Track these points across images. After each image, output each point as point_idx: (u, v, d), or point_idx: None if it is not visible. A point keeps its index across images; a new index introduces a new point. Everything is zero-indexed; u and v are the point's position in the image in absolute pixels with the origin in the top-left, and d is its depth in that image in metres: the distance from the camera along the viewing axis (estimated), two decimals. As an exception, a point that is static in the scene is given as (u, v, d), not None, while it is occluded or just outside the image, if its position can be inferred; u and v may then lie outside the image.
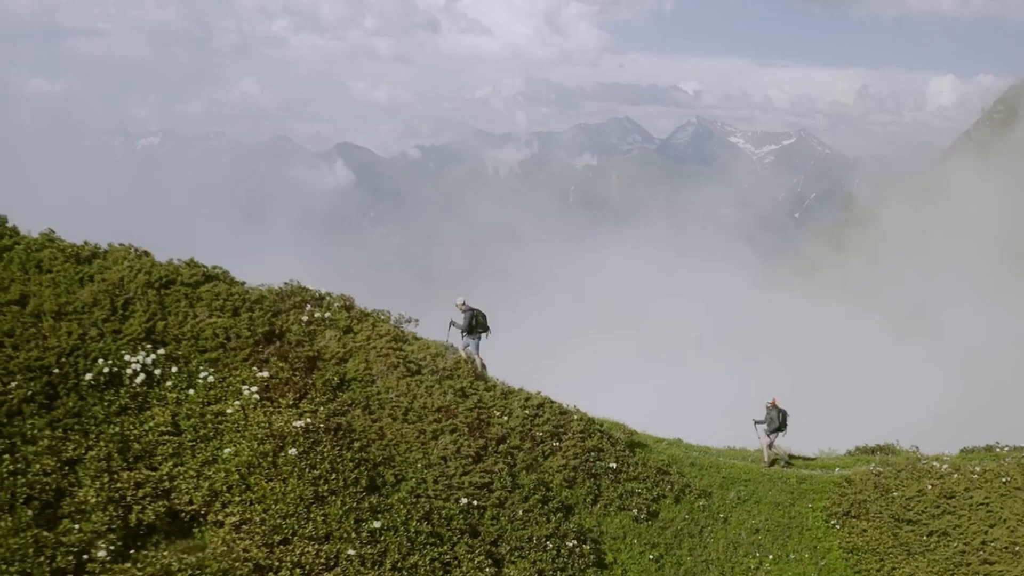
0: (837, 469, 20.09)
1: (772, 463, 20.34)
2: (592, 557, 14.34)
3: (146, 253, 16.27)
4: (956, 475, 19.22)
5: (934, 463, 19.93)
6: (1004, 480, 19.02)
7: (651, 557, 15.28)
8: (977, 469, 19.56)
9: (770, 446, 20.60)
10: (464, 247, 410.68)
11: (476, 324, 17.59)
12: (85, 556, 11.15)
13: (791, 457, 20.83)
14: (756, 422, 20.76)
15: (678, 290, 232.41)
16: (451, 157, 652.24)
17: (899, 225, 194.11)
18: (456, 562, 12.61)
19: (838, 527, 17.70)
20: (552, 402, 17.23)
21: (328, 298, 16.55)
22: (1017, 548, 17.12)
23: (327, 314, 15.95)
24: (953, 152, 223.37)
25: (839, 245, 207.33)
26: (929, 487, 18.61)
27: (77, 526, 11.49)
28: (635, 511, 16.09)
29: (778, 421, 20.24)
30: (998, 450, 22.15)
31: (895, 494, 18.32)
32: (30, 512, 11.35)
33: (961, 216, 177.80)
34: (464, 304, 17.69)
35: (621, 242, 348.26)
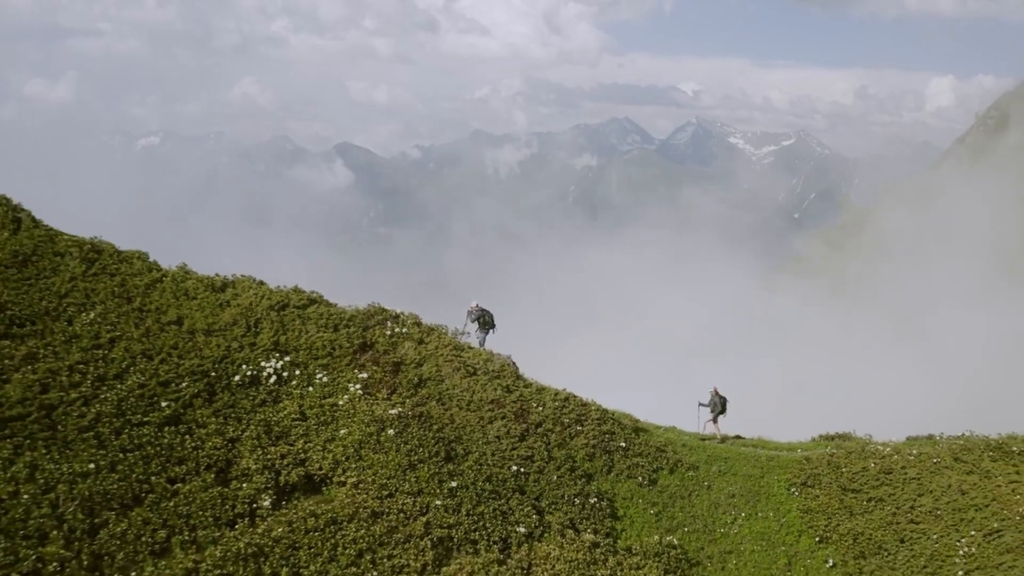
0: (800, 451, 24.62)
1: (706, 439, 24.41)
2: (608, 511, 18.81)
3: (262, 283, 21.03)
4: (896, 456, 23.33)
5: (879, 447, 24.43)
6: (935, 461, 22.89)
7: (652, 513, 19.66)
8: (914, 452, 23.47)
9: (715, 423, 24.88)
10: (464, 247, 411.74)
11: (483, 322, 23.61)
12: (254, 505, 15.66)
13: (726, 438, 24.85)
14: (701, 404, 24.98)
15: (677, 290, 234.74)
16: (451, 157, 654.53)
17: (895, 228, 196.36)
18: (510, 511, 17.06)
19: (797, 494, 21.89)
20: (575, 396, 21.81)
21: (402, 316, 21.24)
22: (939, 512, 20.96)
23: (404, 329, 20.66)
24: (947, 157, 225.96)
25: (837, 247, 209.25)
26: (872, 465, 22.91)
27: (245, 485, 15.99)
28: (640, 479, 20.46)
29: (720, 406, 24.68)
30: (937, 438, 26.63)
31: (844, 469, 22.63)
32: (211, 476, 15.99)
33: (956, 220, 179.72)
34: (476, 306, 23.79)
35: (620, 242, 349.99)
